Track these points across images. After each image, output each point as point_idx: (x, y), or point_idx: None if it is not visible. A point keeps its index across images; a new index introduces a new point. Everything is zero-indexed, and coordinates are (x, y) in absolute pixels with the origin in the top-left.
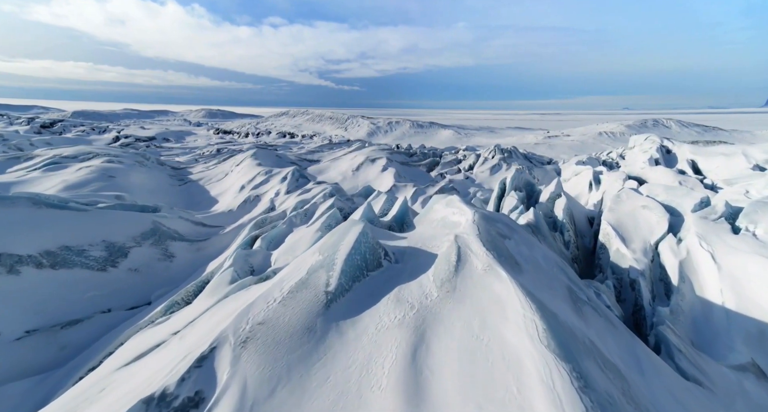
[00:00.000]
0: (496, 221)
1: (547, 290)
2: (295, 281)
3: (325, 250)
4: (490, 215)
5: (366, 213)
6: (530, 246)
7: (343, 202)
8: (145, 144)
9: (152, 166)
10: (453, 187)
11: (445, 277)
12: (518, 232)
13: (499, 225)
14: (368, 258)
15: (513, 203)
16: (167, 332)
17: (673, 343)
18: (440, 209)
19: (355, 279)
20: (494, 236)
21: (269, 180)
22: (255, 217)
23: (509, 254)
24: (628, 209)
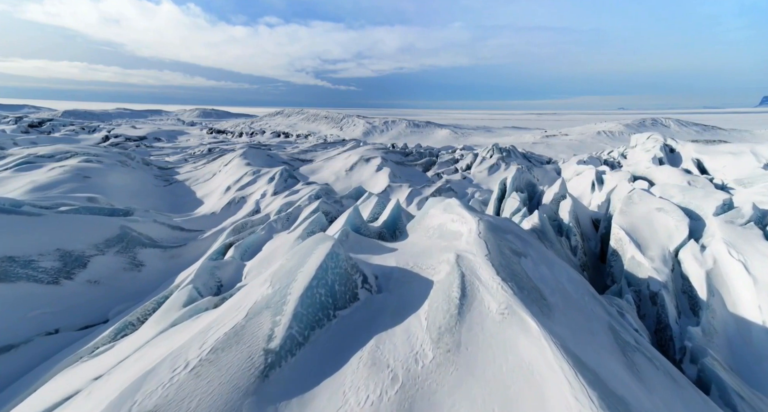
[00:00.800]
0: (505, 231)
1: (587, 335)
2: (224, 332)
3: (278, 279)
4: (497, 224)
5: (351, 220)
6: (550, 265)
7: (330, 205)
8: (135, 143)
9: (136, 166)
10: (450, 188)
11: (445, 324)
12: (533, 245)
13: (509, 237)
14: (338, 290)
15: (515, 206)
16: (91, 374)
17: (729, 385)
18: (437, 214)
19: (316, 324)
20: (507, 255)
21: (256, 180)
22: (237, 220)
23: (530, 282)
24: (642, 212)
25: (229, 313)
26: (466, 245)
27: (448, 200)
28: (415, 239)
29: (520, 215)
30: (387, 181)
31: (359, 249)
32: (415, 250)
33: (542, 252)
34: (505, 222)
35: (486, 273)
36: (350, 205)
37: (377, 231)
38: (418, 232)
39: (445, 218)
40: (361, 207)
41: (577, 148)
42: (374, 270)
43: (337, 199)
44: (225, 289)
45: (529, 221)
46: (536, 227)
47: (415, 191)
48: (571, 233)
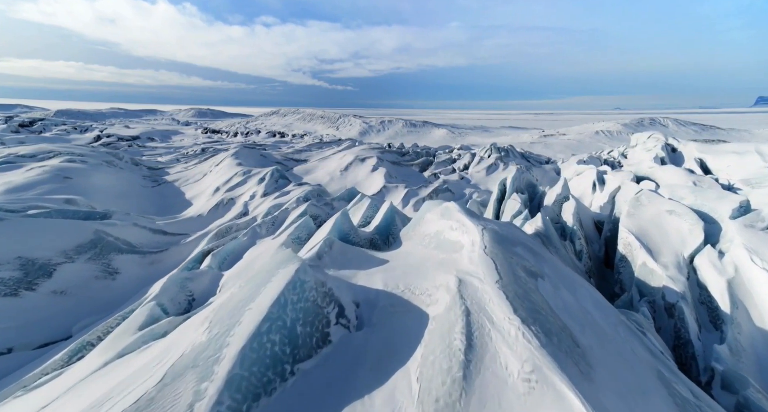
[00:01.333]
0: (513, 242)
1: (639, 399)
2: (127, 406)
3: (218, 320)
4: (503, 233)
5: (338, 226)
6: (571, 286)
7: (319, 208)
8: (127, 143)
9: (124, 166)
10: (447, 188)
11: (444, 395)
12: (546, 259)
13: (519, 251)
14: (301, 333)
15: (516, 208)
16: None
17: None
18: (434, 219)
19: (263, 390)
20: (522, 278)
21: (247, 181)
22: (224, 223)
23: (556, 319)
24: (651, 215)
25: (146, 370)
26: (470, 264)
27: (445, 204)
28: (409, 247)
29: (521, 217)
30: (383, 182)
31: (343, 263)
32: (408, 263)
33: (558, 268)
34: (511, 229)
35: (499, 310)
36: (342, 207)
37: (368, 237)
38: (413, 239)
39: (443, 225)
40: (353, 210)
41: (576, 148)
42: (356, 295)
43: (328, 201)
44: (198, 304)
45: (531, 224)
46: (540, 231)
47: (411, 192)
48: (576, 237)
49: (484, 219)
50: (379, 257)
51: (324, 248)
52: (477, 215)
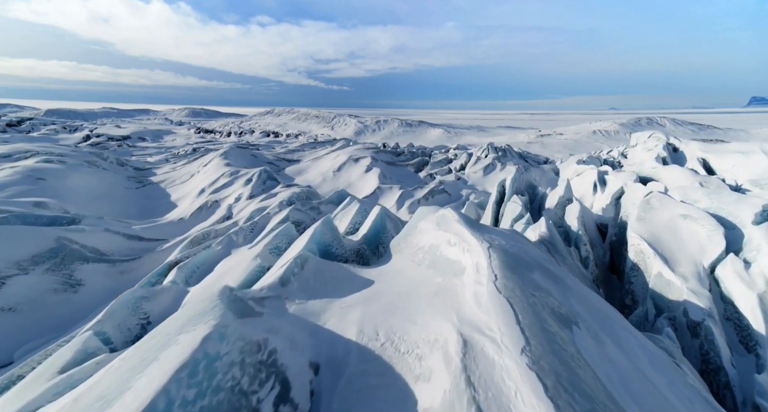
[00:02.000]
0: (528, 265)
1: None
2: None
3: None
4: (513, 251)
5: (317, 237)
6: (611, 330)
7: (303, 213)
8: (117, 143)
9: (108, 166)
10: (444, 189)
11: None
12: (571, 288)
13: (538, 278)
14: None
15: (516, 211)
16: None
17: None
18: (428, 229)
19: None
20: (554, 335)
21: (233, 182)
22: (205, 228)
23: (613, 407)
24: (665, 219)
25: None
26: (477, 308)
27: (441, 211)
28: (399, 263)
29: (522, 222)
30: (377, 183)
31: (315, 288)
32: (396, 289)
33: (587, 299)
34: (520, 244)
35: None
36: (330, 211)
37: (355, 248)
38: (404, 253)
39: (440, 238)
40: (340, 215)
41: (573, 148)
42: (317, 352)
43: (315, 205)
44: (154, 326)
45: (534, 229)
46: (544, 238)
47: (406, 194)
48: (581, 243)
49: (487, 229)
50: (364, 275)
51: (293, 268)
52: (478, 225)
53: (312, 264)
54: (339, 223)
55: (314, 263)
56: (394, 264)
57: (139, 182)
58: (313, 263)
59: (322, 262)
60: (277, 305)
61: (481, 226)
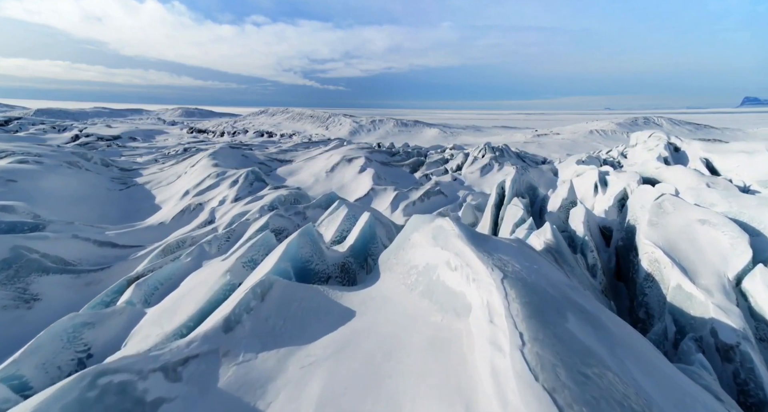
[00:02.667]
0: (557, 303)
1: None
2: None
3: None
4: (534, 281)
5: (290, 252)
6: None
7: (286, 219)
8: (106, 143)
9: (91, 167)
10: (440, 191)
11: None
12: (619, 338)
13: (575, 327)
14: None
15: (518, 214)
16: None
17: None
18: (423, 243)
19: None
20: None
21: (219, 184)
22: (183, 234)
23: None
24: (680, 225)
25: None
26: (500, 408)
27: (438, 221)
28: (387, 286)
29: (525, 227)
30: (370, 184)
31: (274, 329)
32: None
33: (640, 353)
34: (537, 265)
35: None
36: (317, 216)
37: (340, 261)
38: (394, 271)
39: (437, 257)
40: (327, 221)
41: (570, 148)
42: None
43: (300, 209)
44: (96, 360)
45: (538, 236)
46: (550, 245)
47: (401, 195)
48: (588, 249)
49: (493, 243)
50: (344, 303)
51: (247, 302)
52: (482, 239)
53: (277, 292)
54: (325, 230)
55: (281, 290)
56: (381, 287)
57: (123, 184)
58: (279, 289)
59: (293, 287)
60: (201, 375)
61: (485, 239)
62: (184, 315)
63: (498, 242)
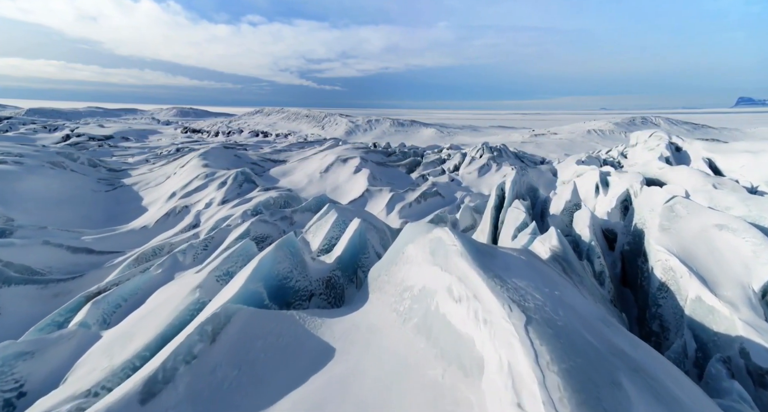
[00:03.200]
0: (610, 366)
1: None
2: None
3: None
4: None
5: (263, 270)
6: None
7: (270, 225)
8: (97, 143)
9: (77, 168)
10: (437, 192)
11: None
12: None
13: (642, 406)
14: None
15: (519, 218)
16: None
17: None
18: (419, 259)
19: None
20: None
21: (207, 185)
22: (165, 239)
23: None
24: (695, 230)
25: None
26: None
27: (437, 233)
28: (375, 313)
29: (528, 232)
30: (365, 185)
31: (222, 384)
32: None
33: None
34: (569, 297)
35: None
36: (306, 220)
37: (325, 275)
38: (384, 292)
39: (436, 280)
40: (315, 227)
41: (568, 148)
42: None
43: (287, 214)
44: (29, 401)
45: (543, 242)
46: (557, 253)
47: (397, 196)
48: (594, 255)
49: (503, 259)
50: (322, 336)
51: (190, 346)
52: (488, 255)
53: (237, 327)
54: (312, 237)
55: (242, 324)
56: (369, 312)
57: (110, 185)
58: (239, 323)
59: (261, 317)
60: None
61: (491, 254)
62: (140, 342)
63: (507, 258)
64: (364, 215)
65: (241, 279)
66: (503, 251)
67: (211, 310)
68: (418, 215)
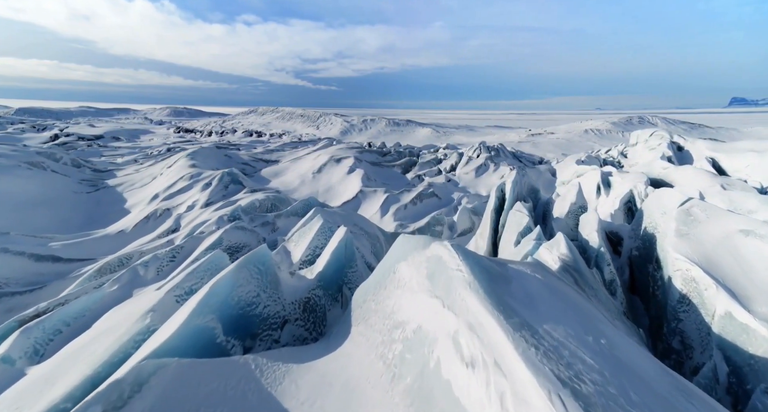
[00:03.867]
0: None
1: None
2: None
3: None
4: None
5: (218, 298)
6: None
7: (250, 231)
8: (87, 143)
9: (59, 168)
10: (433, 193)
11: None
12: None
13: None
14: None
15: (522, 222)
16: None
17: None
18: (413, 284)
19: None
20: None
21: (192, 187)
22: (141, 245)
23: None
24: (717, 236)
25: None
26: None
27: (435, 249)
28: (355, 363)
29: (532, 237)
30: (359, 186)
31: None
32: None
33: None
34: (624, 351)
35: None
36: (291, 225)
37: (302, 296)
38: (369, 325)
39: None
40: (298, 235)
41: (565, 147)
42: None
43: (270, 219)
44: None
45: (550, 249)
46: (567, 262)
47: (392, 198)
48: (604, 263)
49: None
50: (281, 400)
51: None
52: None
53: (155, 393)
54: (294, 246)
55: (163, 389)
56: (347, 360)
57: (92, 186)
58: (160, 388)
59: (190, 375)
60: None
61: (505, 279)
62: (62, 389)
63: (524, 281)
64: (354, 219)
65: (185, 311)
66: (516, 270)
67: (127, 366)
68: (414, 217)
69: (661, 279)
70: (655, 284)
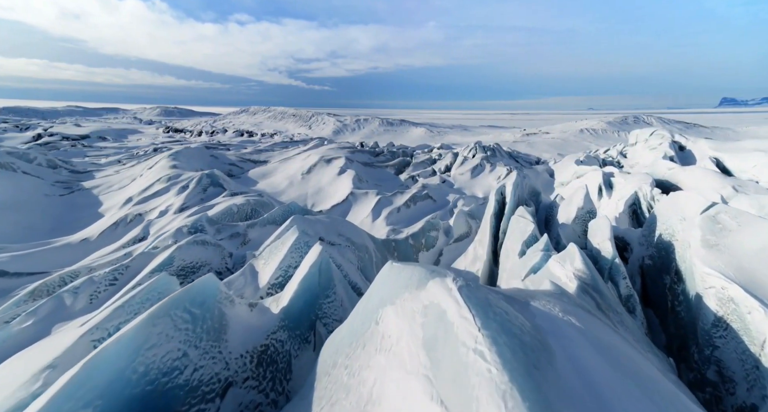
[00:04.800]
0: None
1: None
2: None
3: None
4: None
5: (111, 373)
6: None
7: (213, 246)
8: (70, 143)
9: (31, 169)
10: (427, 195)
11: None
12: None
13: None
14: None
15: (527, 230)
16: None
17: None
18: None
19: None
20: None
21: (170, 189)
22: (103, 255)
23: None
24: (754, 248)
25: None
26: None
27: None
28: None
29: (540, 248)
30: (350, 187)
31: None
32: None
33: None
34: None
35: None
36: (267, 235)
37: (259, 342)
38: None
39: None
40: (268, 251)
41: (561, 147)
42: None
43: (241, 229)
44: None
45: (562, 263)
46: (585, 280)
47: (384, 200)
48: (619, 275)
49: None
50: None
51: None
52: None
53: None
54: (264, 265)
55: None
56: None
57: (67, 188)
58: None
59: None
60: None
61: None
62: None
63: (573, 349)
64: (339, 228)
65: (45, 397)
66: (553, 325)
67: None
68: (408, 222)
69: (684, 294)
70: (676, 299)
